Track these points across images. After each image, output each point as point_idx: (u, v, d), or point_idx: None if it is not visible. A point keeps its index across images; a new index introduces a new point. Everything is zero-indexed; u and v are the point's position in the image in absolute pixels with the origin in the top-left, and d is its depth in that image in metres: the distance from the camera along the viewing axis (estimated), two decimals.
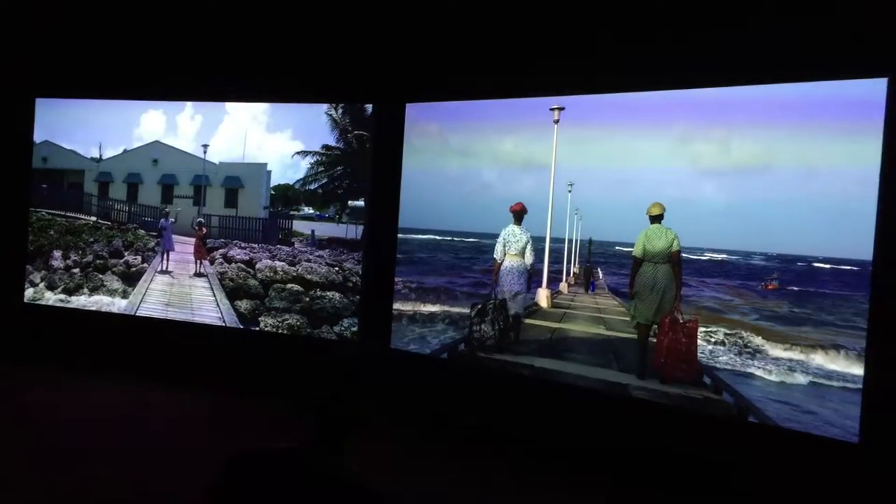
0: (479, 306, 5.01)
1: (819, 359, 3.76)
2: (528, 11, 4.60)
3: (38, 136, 6.17)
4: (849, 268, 3.77)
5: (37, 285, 6.16)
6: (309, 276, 5.65)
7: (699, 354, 4.09)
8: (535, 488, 3.95)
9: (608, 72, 4.36)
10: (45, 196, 6.32)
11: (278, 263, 5.79)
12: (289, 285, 5.68)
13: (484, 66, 4.78)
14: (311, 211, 6.18)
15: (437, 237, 5.51)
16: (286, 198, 6.16)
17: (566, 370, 4.54)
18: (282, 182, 6.11)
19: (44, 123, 6.15)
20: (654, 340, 4.28)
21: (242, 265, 5.89)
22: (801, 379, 3.81)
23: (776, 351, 3.92)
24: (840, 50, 3.61)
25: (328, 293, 5.56)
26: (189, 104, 5.97)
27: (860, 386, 3.54)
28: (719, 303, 4.26)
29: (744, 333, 4.04)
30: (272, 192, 6.14)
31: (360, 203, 5.63)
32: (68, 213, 6.34)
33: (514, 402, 4.59)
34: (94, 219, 6.33)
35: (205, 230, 6.08)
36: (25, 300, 6.14)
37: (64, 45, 5.79)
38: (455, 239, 5.55)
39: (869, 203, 3.49)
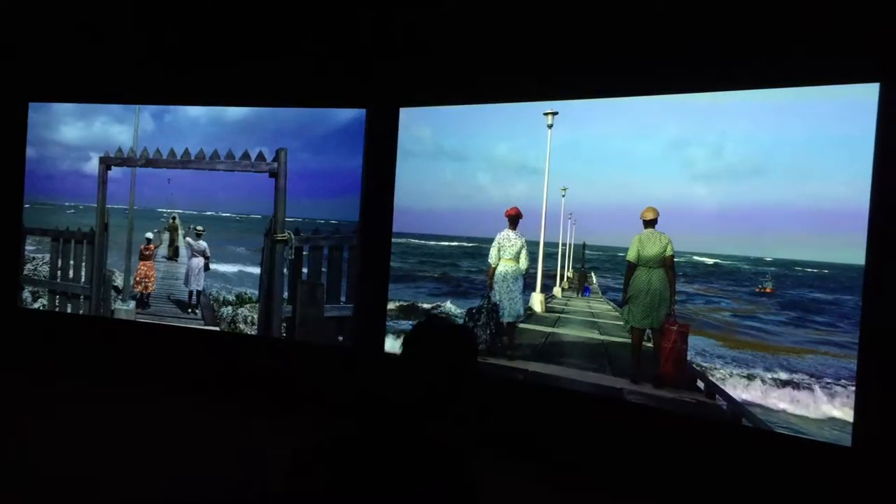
0: (473, 311, 5.01)
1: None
2: (523, 16, 4.61)
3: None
4: (840, 272, 3.78)
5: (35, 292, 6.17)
6: None
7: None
8: (527, 493, 3.94)
9: (602, 76, 4.37)
10: None
11: None
12: None
13: (478, 70, 4.78)
14: None
15: (430, 241, 5.50)
16: None
17: (560, 374, 4.54)
18: None
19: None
20: (650, 345, 4.28)
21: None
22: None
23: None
24: (831, 54, 3.62)
25: None
26: None
27: None
28: (711, 308, 4.25)
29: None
30: None
31: None
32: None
33: (507, 406, 4.57)
34: None
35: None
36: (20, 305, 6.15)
37: (58, 49, 5.81)
38: (452, 244, 5.54)
39: (861, 208, 3.51)
